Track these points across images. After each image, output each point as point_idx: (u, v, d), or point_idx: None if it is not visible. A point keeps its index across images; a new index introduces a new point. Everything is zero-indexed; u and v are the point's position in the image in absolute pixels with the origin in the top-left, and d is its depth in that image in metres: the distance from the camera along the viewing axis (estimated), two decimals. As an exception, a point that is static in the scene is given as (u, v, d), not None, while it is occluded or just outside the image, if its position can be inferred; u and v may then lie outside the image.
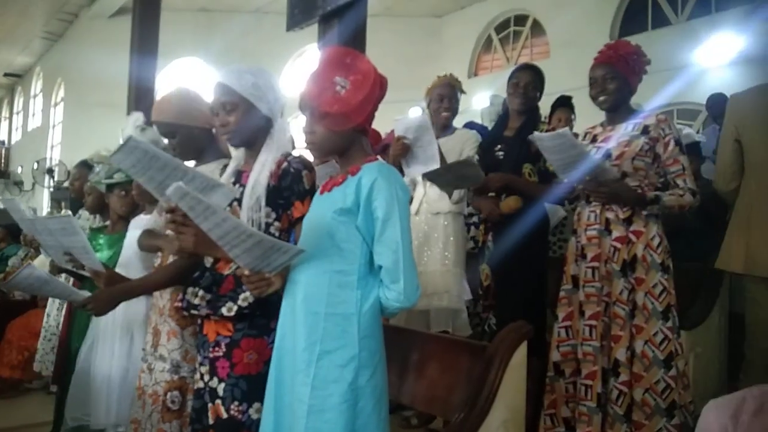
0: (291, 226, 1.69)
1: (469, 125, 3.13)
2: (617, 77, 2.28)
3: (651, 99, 3.40)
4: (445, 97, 2.95)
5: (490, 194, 2.68)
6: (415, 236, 2.89)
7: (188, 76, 11.02)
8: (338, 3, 5.15)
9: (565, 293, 2.31)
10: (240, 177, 1.74)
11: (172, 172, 1.45)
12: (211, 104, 1.71)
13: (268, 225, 1.66)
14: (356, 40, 5.46)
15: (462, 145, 2.86)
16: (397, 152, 2.47)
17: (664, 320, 2.14)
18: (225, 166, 1.86)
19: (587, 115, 3.45)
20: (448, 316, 2.84)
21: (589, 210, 2.30)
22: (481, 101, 8.95)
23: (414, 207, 2.98)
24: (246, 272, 1.41)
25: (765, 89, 2.56)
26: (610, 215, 2.24)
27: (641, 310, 2.16)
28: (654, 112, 2.31)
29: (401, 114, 2.80)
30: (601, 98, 2.30)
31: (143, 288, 2.00)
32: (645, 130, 2.24)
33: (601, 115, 2.42)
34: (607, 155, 2.24)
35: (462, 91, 2.98)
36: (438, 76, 3.05)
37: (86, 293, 2.01)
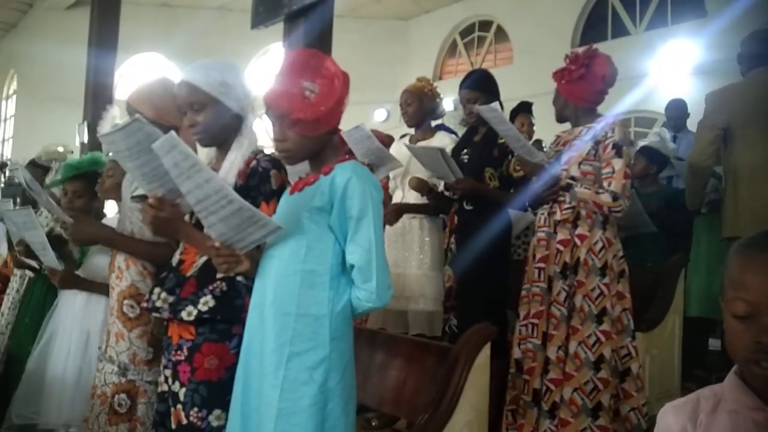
0: None
1: (439, 127, 3.15)
2: (555, 92, 2.45)
3: (610, 107, 3.51)
4: (404, 104, 3.01)
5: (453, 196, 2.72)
6: (394, 239, 2.92)
7: (149, 71, 10.77)
8: (304, 2, 5.13)
9: (526, 292, 2.37)
10: None
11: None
12: (178, 103, 1.66)
13: None
14: (322, 40, 5.45)
15: (436, 144, 2.89)
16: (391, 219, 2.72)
17: (598, 323, 2.19)
18: None
19: (548, 121, 3.53)
20: (425, 319, 2.86)
21: (540, 212, 2.38)
22: (445, 105, 9.05)
23: None
24: (217, 244, 1.37)
25: (746, 84, 2.88)
26: (557, 217, 2.30)
27: (578, 312, 2.21)
28: (614, 119, 2.36)
29: (364, 114, 2.84)
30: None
31: (117, 240, 1.95)
32: (593, 135, 2.31)
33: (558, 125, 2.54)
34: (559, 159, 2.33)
35: (429, 95, 3.00)
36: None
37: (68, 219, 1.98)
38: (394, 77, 10.40)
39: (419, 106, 2.98)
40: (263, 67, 10.68)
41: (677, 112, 4.63)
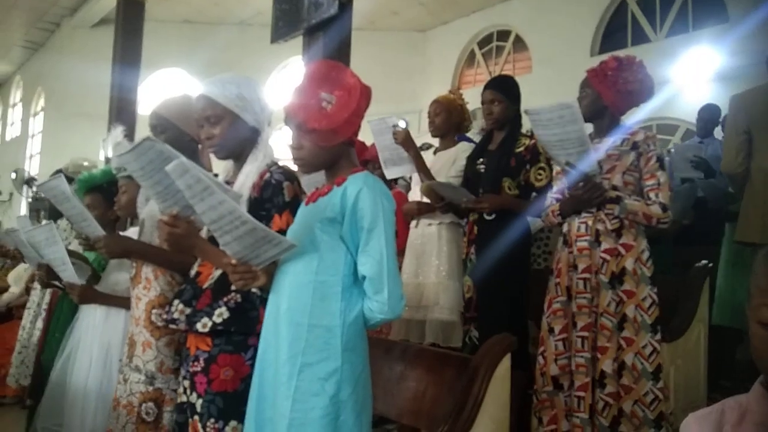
0: None
1: (461, 138, 3.18)
2: (590, 93, 2.35)
3: (632, 114, 3.48)
4: (432, 113, 3.07)
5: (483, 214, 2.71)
6: (413, 249, 2.93)
7: (171, 87, 10.95)
8: (323, 16, 5.18)
9: (560, 305, 2.31)
10: None
11: None
12: (196, 117, 1.69)
13: None
14: (340, 53, 5.49)
15: (456, 156, 2.90)
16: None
17: (653, 333, 2.17)
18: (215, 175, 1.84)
19: None
20: (440, 329, 2.85)
21: (579, 221, 2.31)
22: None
23: (414, 220, 3.02)
24: (233, 261, 1.39)
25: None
26: (599, 227, 2.26)
27: (631, 323, 2.17)
28: (638, 127, 2.35)
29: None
30: None
31: (149, 253, 1.96)
32: (634, 146, 2.28)
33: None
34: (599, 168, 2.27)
35: (459, 109, 3.03)
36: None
37: (101, 231, 1.98)
38: (412, 88, 10.44)
39: (447, 118, 3.01)
40: (283, 80, 10.79)
41: (709, 116, 4.57)
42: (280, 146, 1.81)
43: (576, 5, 8.42)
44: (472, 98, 3.61)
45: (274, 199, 1.62)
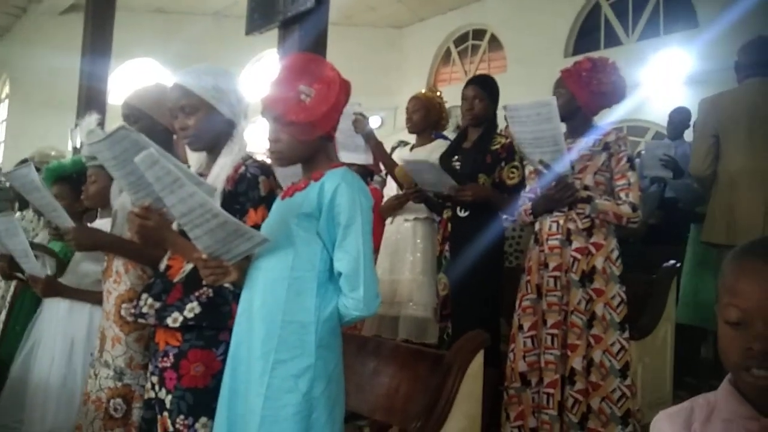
0: None
1: (438, 136, 3.18)
2: (564, 93, 2.35)
3: (604, 116, 3.53)
4: (410, 110, 3.09)
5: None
6: (388, 244, 2.93)
7: (143, 77, 10.75)
8: (299, 9, 5.13)
9: (530, 303, 2.34)
10: None
11: None
12: (170, 106, 1.66)
13: None
14: (317, 48, 5.43)
15: (430, 153, 2.91)
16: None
17: (621, 331, 2.21)
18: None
19: None
20: (414, 325, 2.86)
21: (551, 220, 2.34)
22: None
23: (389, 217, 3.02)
24: (204, 256, 1.36)
25: (738, 91, 2.92)
26: (571, 226, 2.29)
27: (600, 321, 2.21)
28: (610, 128, 2.39)
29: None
30: None
31: (119, 246, 1.92)
32: (606, 147, 2.32)
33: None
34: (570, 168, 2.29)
35: (437, 107, 3.04)
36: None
37: (70, 223, 1.92)
38: (388, 85, 10.43)
39: (425, 116, 3.02)
40: (258, 73, 10.68)
41: (679, 118, 4.66)
42: (255, 139, 1.79)
43: (551, 6, 8.51)
44: (448, 96, 3.64)
45: (249, 193, 1.59)
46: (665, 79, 7.23)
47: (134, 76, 10.49)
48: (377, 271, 2.95)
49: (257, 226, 1.52)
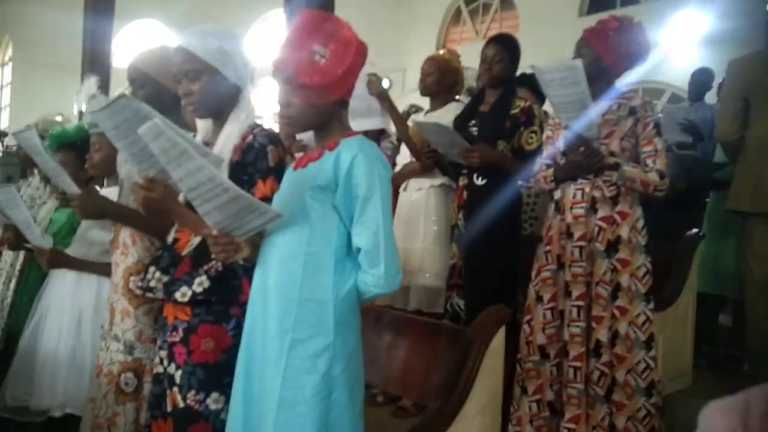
0: None
1: (452, 100, 3.07)
2: (588, 54, 2.24)
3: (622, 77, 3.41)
4: (424, 71, 2.93)
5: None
6: (401, 212, 2.85)
7: (147, 38, 10.56)
8: (306, -33, 4.95)
9: (550, 273, 2.25)
10: None
11: None
12: (173, 71, 1.56)
13: None
14: (325, 5, 5.27)
15: (443, 117, 2.80)
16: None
17: (647, 302, 2.13)
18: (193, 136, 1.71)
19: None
20: (425, 295, 2.80)
21: (575, 188, 2.23)
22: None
23: (402, 183, 2.93)
24: (214, 232, 1.28)
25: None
26: (596, 194, 2.19)
27: (625, 292, 2.13)
28: (631, 91, 2.29)
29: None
30: None
31: (126, 215, 1.84)
32: (632, 111, 2.21)
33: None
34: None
35: (453, 71, 2.92)
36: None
37: (76, 189, 1.85)
38: (397, 45, 10.20)
39: (439, 79, 2.90)
40: (263, 33, 10.46)
41: (702, 79, 4.51)
42: (261, 103, 1.69)
43: (565, -37, 8.22)
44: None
45: (258, 163, 1.50)
46: (682, 40, 7.00)
47: (138, 38, 10.30)
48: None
49: (266, 199, 1.44)
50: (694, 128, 4.20)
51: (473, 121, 2.64)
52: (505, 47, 2.59)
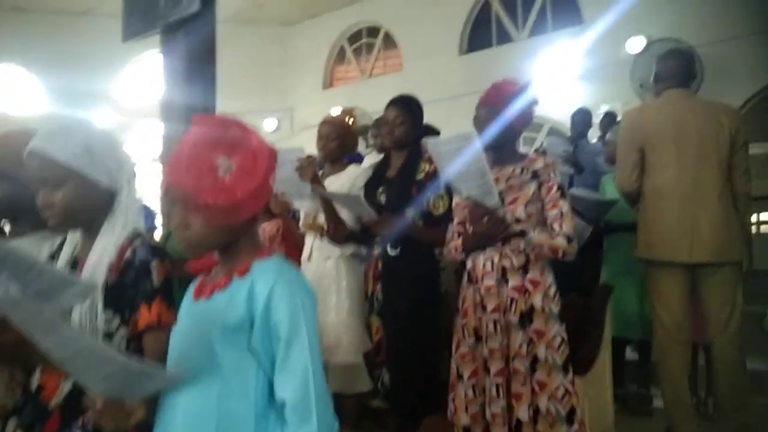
0: (141, 333, 1.26)
1: (349, 159, 2.91)
2: (495, 117, 2.20)
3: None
4: (325, 137, 2.76)
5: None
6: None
7: (5, 85, 9.63)
8: (183, 13, 4.64)
9: (468, 348, 2.14)
10: (77, 267, 1.32)
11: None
12: (29, 177, 1.26)
13: (109, 334, 1.24)
14: (204, 54, 4.97)
15: (351, 182, 2.63)
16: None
17: (565, 373, 2.07)
18: (61, 243, 1.41)
19: (445, 125, 3.38)
20: (344, 374, 2.58)
21: (484, 257, 2.16)
22: (338, 113, 8.79)
23: (306, 252, 2.70)
24: (99, 404, 1.02)
25: (662, 103, 2.82)
26: (506, 263, 2.12)
27: (543, 364, 2.06)
28: (533, 153, 2.28)
29: (253, 124, 2.52)
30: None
31: None
32: (535, 175, 2.17)
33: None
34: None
35: (354, 132, 2.76)
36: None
37: None
38: (282, 84, 10.00)
39: (342, 144, 2.74)
40: (135, 76, 9.85)
41: (581, 119, 4.82)
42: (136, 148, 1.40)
43: (443, 3, 8.45)
44: (346, 96, 3.39)
45: (140, 284, 1.25)
46: (557, 75, 7.38)
47: (-7, 85, 9.35)
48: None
49: (153, 327, 1.20)
50: (574, 160, 4.43)
51: (380, 188, 2.50)
52: (406, 109, 2.50)
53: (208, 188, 1.05)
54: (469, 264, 2.21)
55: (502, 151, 2.24)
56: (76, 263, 1.33)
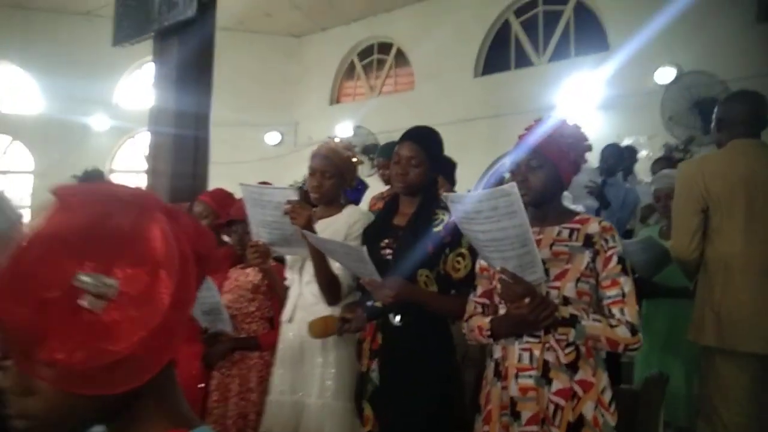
0: None
1: (349, 198, 2.40)
2: (545, 165, 1.71)
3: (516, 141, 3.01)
4: (319, 173, 2.20)
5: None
6: (289, 354, 2.13)
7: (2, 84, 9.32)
8: (177, 18, 4.25)
9: None
10: None
11: None
12: None
13: None
14: (200, 63, 4.56)
15: (348, 229, 2.12)
16: None
17: None
18: None
19: (456, 150, 2.92)
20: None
21: (520, 348, 1.65)
22: (344, 130, 8.34)
23: (287, 312, 2.20)
24: None
25: (728, 155, 2.34)
26: (549, 357, 1.62)
27: None
28: (591, 215, 1.79)
29: (255, 138, 2.04)
30: (521, 192, 1.66)
31: None
32: (587, 241, 1.67)
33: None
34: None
35: (353, 167, 2.26)
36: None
37: None
38: (287, 98, 9.57)
39: (339, 183, 2.18)
40: (137, 82, 9.47)
41: (611, 156, 4.40)
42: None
43: (459, 21, 8.05)
44: (353, 112, 2.95)
45: None
46: (578, 103, 6.94)
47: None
48: (275, 390, 2.15)
49: None
50: (600, 192, 3.99)
51: (385, 240, 2.00)
52: (425, 147, 1.97)
53: (61, 332, 0.56)
54: (497, 353, 1.70)
55: (548, 206, 1.76)
56: None
